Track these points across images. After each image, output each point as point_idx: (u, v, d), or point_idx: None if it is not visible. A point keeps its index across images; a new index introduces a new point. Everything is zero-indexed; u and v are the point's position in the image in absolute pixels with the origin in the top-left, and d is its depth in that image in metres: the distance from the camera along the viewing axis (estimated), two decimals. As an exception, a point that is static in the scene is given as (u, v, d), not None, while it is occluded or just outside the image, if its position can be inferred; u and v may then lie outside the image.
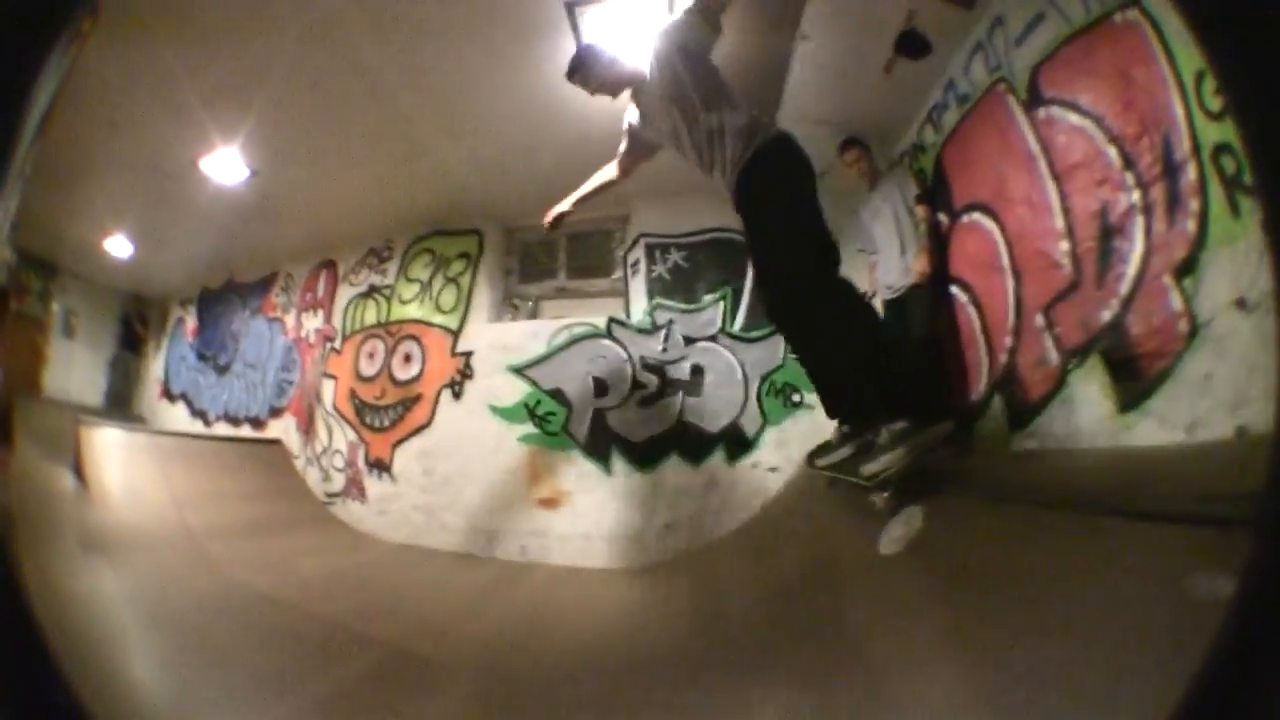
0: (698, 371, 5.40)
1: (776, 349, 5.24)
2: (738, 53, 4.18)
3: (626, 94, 4.17)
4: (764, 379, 5.28)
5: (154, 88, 5.68)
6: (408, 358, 6.76)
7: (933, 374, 4.36)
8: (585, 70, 4.11)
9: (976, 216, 4.09)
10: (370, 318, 7.41)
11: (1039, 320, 3.47)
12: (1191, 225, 2.43)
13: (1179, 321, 2.52)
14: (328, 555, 5.92)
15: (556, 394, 5.77)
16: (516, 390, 5.93)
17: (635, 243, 5.80)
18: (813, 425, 4.82)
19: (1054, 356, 3.36)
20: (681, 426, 5.34)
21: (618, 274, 5.95)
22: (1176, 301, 2.53)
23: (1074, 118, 3.14)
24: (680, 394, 5.39)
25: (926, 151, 4.65)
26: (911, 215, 4.58)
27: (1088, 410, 3.09)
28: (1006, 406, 3.82)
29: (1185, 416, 2.45)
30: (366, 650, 3.51)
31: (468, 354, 6.29)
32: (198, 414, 10.48)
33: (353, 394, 7.30)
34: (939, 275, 4.39)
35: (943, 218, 4.46)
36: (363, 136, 5.88)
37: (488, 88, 5.12)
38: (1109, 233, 2.93)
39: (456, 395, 6.23)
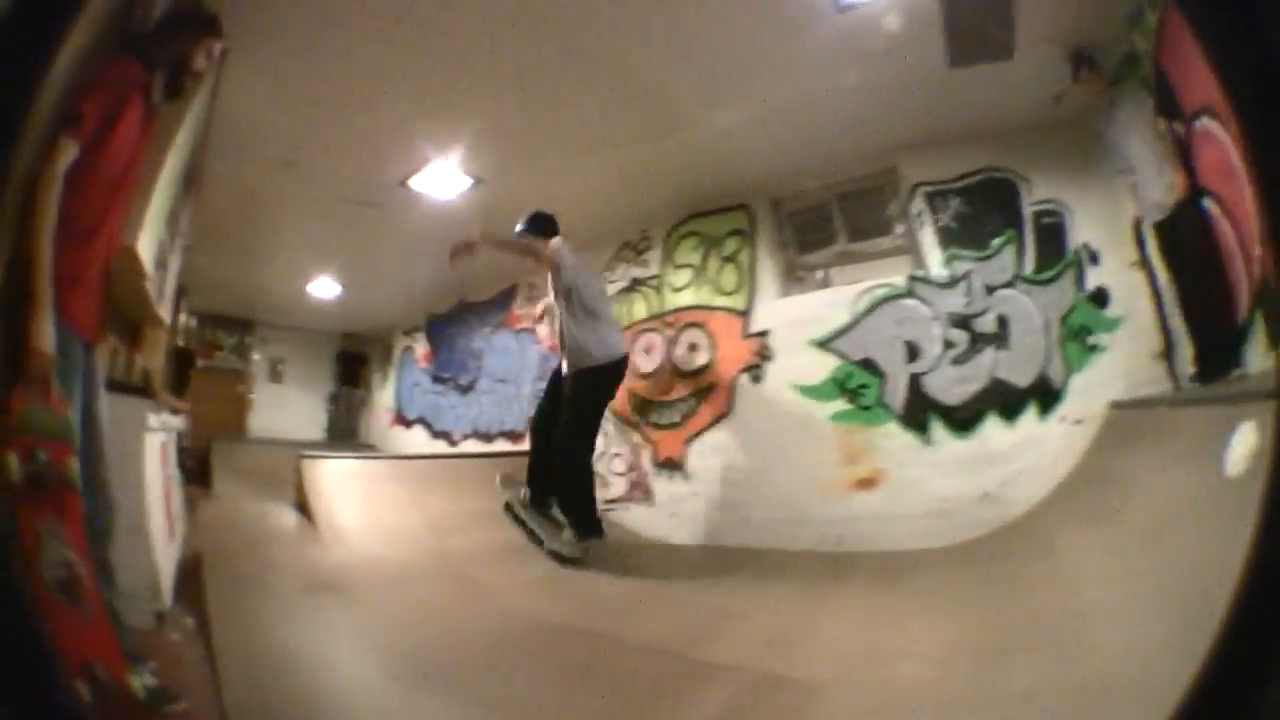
0: (1003, 322, 5.44)
1: (1067, 290, 5.30)
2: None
3: None
4: (1062, 322, 5.31)
5: (338, 114, 5.85)
6: (693, 347, 6.88)
7: (1196, 303, 4.47)
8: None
9: (1206, 122, 4.07)
10: (640, 311, 7.58)
11: None
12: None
13: None
14: (621, 569, 5.81)
15: (867, 364, 5.78)
16: (823, 366, 5.95)
17: (913, 193, 5.85)
18: (1111, 369, 5.01)
19: None
20: (995, 383, 5.37)
21: (899, 229, 6.00)
22: None
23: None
24: (990, 348, 5.41)
25: (1143, 59, 4.66)
26: (1155, 128, 4.63)
27: None
28: (1266, 321, 3.66)
29: None
30: (715, 680, 3.38)
31: (763, 334, 6.38)
32: (439, 435, 11.24)
33: (631, 394, 7.42)
34: (1193, 189, 4.40)
35: (1178, 127, 4.44)
36: (604, 118, 5.94)
37: (741, 44, 5.11)
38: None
39: (756, 379, 6.34)
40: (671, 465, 6.84)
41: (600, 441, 7.47)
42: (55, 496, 2.45)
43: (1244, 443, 3.06)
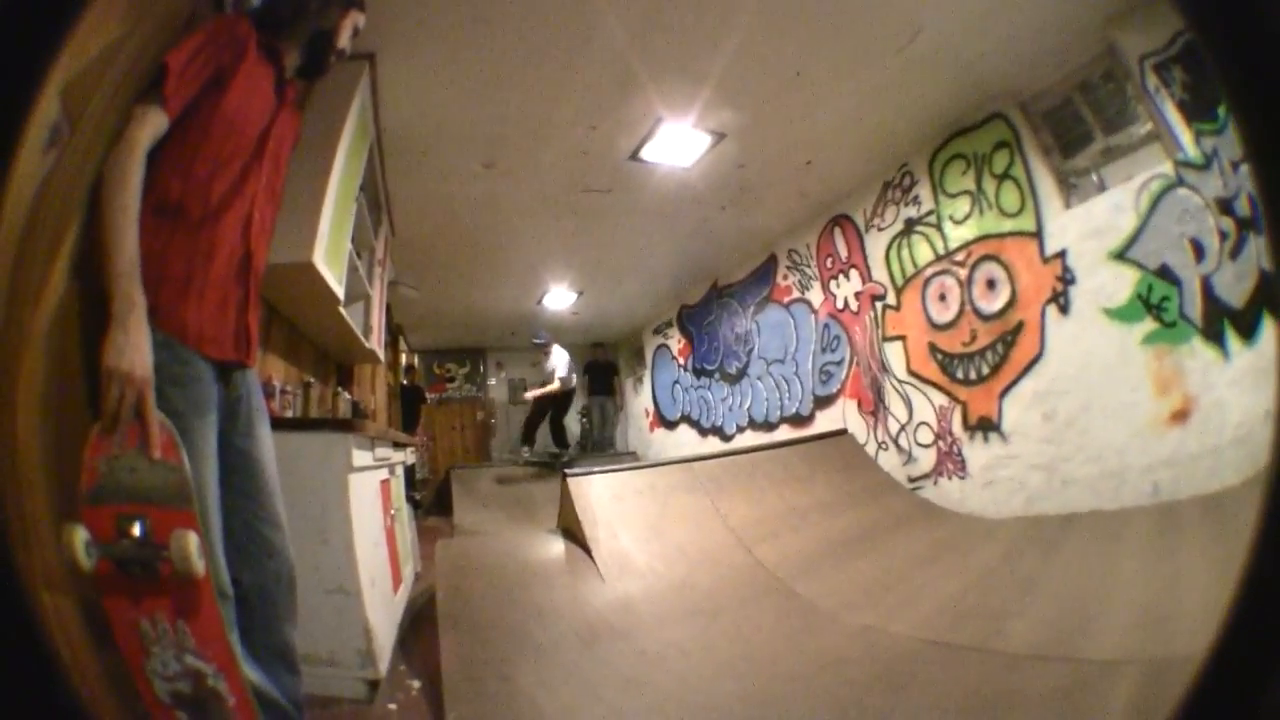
0: (1252, 202, 5.32)
1: None
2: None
3: None
4: None
5: (532, 97, 6.14)
6: (991, 284, 7.17)
7: None
8: None
9: None
10: (924, 255, 8.01)
11: None
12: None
13: None
14: (954, 560, 5.70)
15: (1163, 271, 6.04)
16: (1125, 281, 6.27)
17: (1142, 69, 5.89)
18: None
19: None
20: (1262, 276, 5.44)
21: (1144, 113, 6.11)
22: None
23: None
24: (1251, 234, 5.57)
25: None
26: None
27: None
28: None
29: None
30: (1116, 675, 3.09)
31: (1061, 254, 6.55)
32: (711, 431, 12.37)
33: (932, 348, 7.86)
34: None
35: None
36: (839, 41, 6.01)
37: None
38: None
39: (1063, 309, 6.51)
40: (986, 425, 7.16)
41: (901, 410, 8.23)
42: (167, 585, 2.01)
43: None
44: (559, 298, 12.71)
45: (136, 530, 1.97)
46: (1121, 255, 6.26)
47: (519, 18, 5.24)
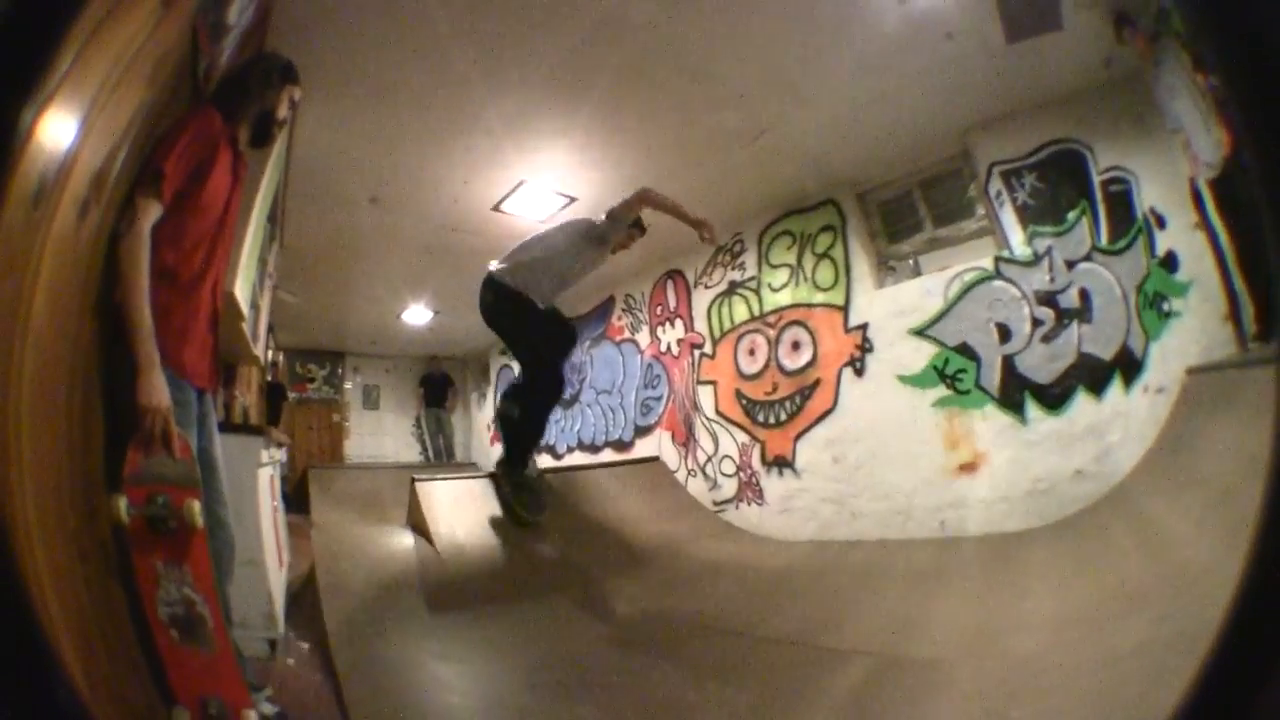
0: (1085, 295, 6.01)
1: (1139, 258, 5.80)
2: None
3: None
4: (1138, 290, 5.82)
5: (417, 149, 6.65)
6: (796, 345, 7.81)
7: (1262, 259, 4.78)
8: None
9: None
10: (741, 314, 8.58)
11: None
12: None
13: None
14: (737, 568, 6.61)
15: (963, 349, 6.72)
16: (922, 353, 6.95)
17: (989, 173, 6.51)
18: (1187, 335, 5.51)
19: None
20: (1082, 358, 6.10)
21: (980, 211, 6.73)
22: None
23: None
24: (1074, 323, 6.02)
25: (1171, 13, 5.09)
26: (1196, 84, 5.02)
27: None
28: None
29: None
30: (845, 662, 3.77)
31: (863, 326, 7.21)
32: (544, 450, 12.28)
33: (738, 394, 8.42)
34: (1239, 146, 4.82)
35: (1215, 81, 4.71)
36: (693, 130, 6.69)
37: (814, 45, 5.75)
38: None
39: (859, 372, 7.18)
40: (781, 462, 7.72)
41: (709, 444, 8.67)
42: (178, 537, 2.77)
43: None
44: (417, 314, 12.76)
45: (161, 500, 2.75)
46: (922, 332, 6.88)
47: (418, 93, 5.92)
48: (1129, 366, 5.86)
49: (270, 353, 13.88)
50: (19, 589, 1.62)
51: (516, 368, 12.90)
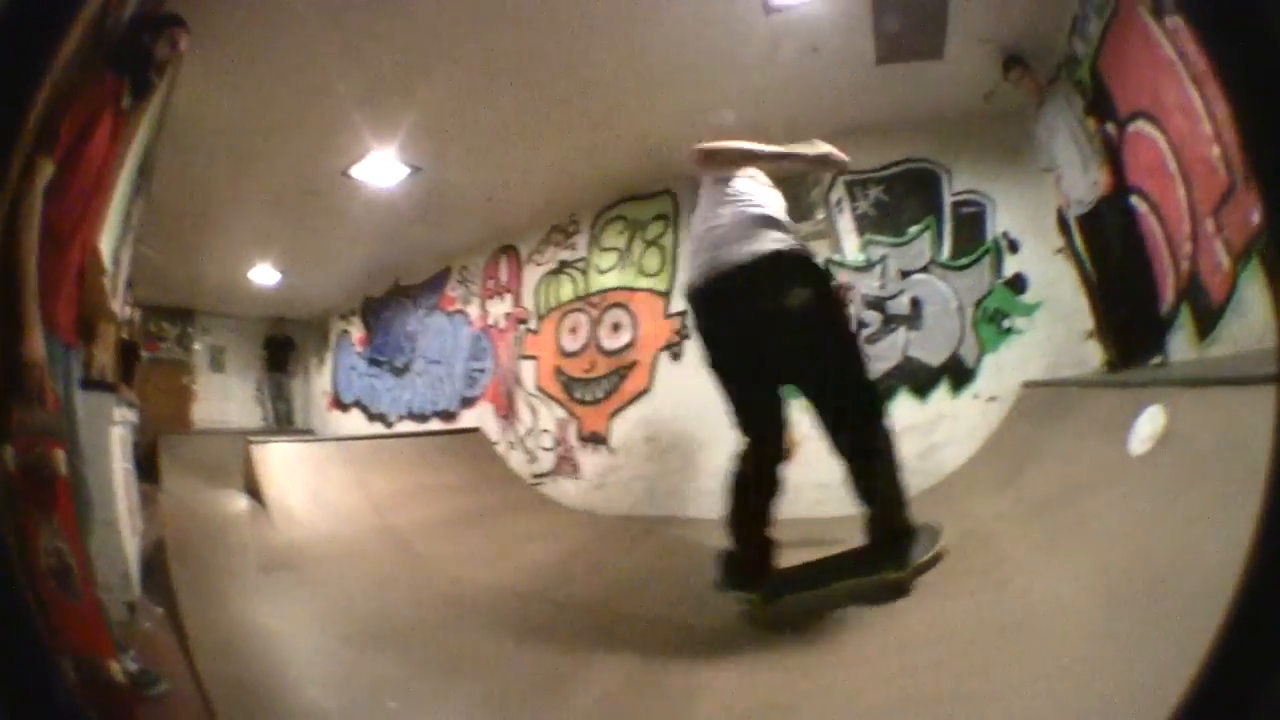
0: (916, 304, 6.11)
1: (984, 276, 5.92)
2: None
3: None
4: (976, 306, 5.97)
5: (283, 108, 6.51)
6: (616, 326, 7.75)
7: (1121, 293, 5.10)
8: None
9: (1141, 125, 4.67)
10: (567, 293, 8.49)
11: (1209, 225, 4.03)
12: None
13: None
14: (551, 537, 6.68)
15: None
16: None
17: (833, 182, 6.51)
18: (1027, 351, 5.66)
19: (1225, 261, 3.92)
20: (906, 361, 6.07)
21: (820, 215, 6.65)
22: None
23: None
24: (902, 329, 6.10)
25: (1081, 63, 5.25)
26: (1084, 129, 5.21)
27: (1254, 312, 3.58)
28: (1193, 314, 4.43)
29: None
30: (633, 630, 4.00)
31: (682, 314, 7.11)
32: (376, 418, 11.89)
33: (558, 370, 8.41)
34: (1120, 186, 4.99)
35: (1110, 128, 5.04)
36: (539, 110, 6.51)
37: (671, 40, 5.71)
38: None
39: (675, 357, 7.14)
40: (596, 439, 7.71)
41: (529, 418, 8.61)
42: (47, 487, 2.84)
43: (1149, 424, 3.65)
44: (264, 274, 11.71)
45: (38, 450, 2.84)
46: (741, 323, 6.50)
47: (288, 52, 5.72)
48: (959, 374, 5.99)
49: (129, 310, 13.27)
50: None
51: (357, 334, 12.91)
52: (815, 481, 5.90)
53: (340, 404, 13.31)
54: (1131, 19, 4.56)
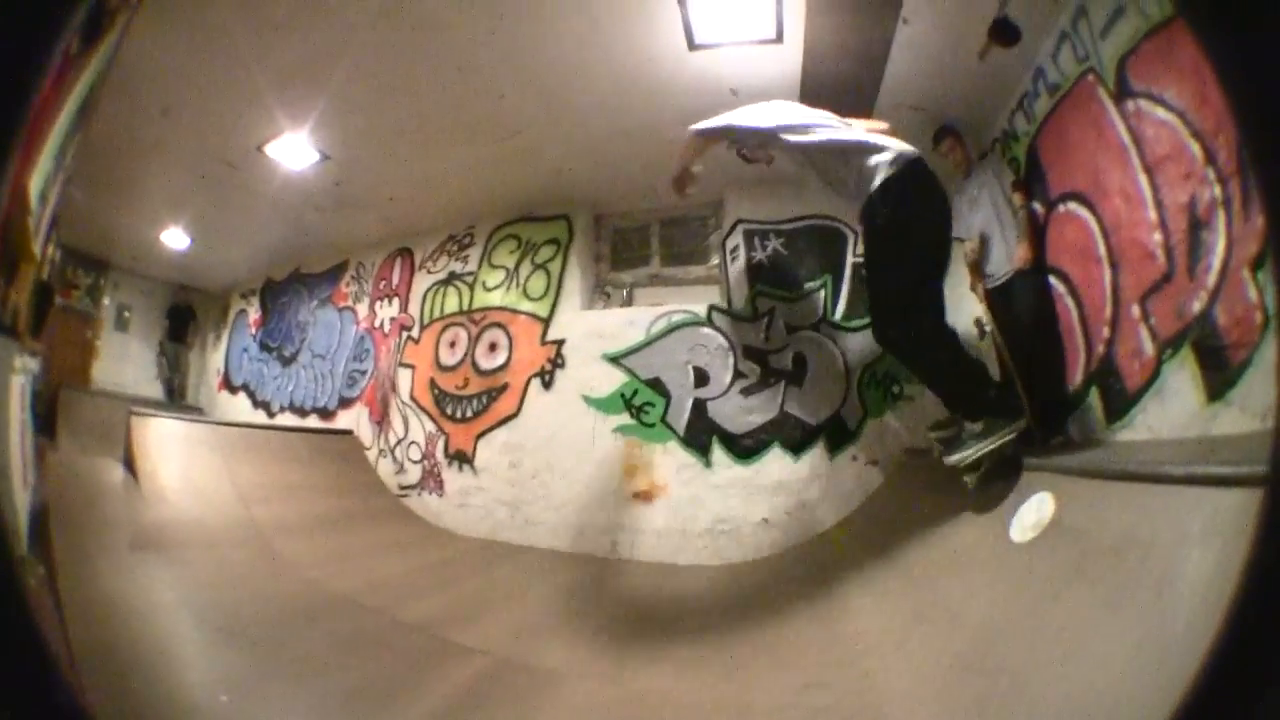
0: (800, 361, 6.02)
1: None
2: (839, 39, 4.98)
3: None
4: (865, 369, 5.88)
5: (213, 71, 6.35)
6: (493, 346, 7.56)
7: (1030, 367, 4.88)
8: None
9: (1073, 206, 4.59)
10: (451, 305, 8.27)
11: (1135, 310, 3.95)
12: (1260, 220, 2.80)
13: (1255, 313, 2.99)
14: (407, 552, 6.58)
15: (655, 383, 6.65)
16: (612, 380, 6.83)
17: (733, 229, 6.46)
18: (913, 417, 5.52)
19: (1149, 347, 3.84)
20: (784, 417, 5.99)
21: (714, 260, 6.61)
22: (1253, 293, 2.98)
23: (1160, 111, 3.63)
24: (782, 383, 6.03)
25: (1019, 140, 5.21)
26: (1009, 203, 5.20)
27: (1179, 401, 3.59)
28: (1103, 397, 4.32)
29: (1261, 404, 2.89)
30: (465, 658, 3.93)
31: (559, 342, 6.96)
32: (260, 405, 11.54)
33: (432, 383, 8.16)
34: (1039, 263, 4.92)
35: (1038, 206, 4.99)
36: (449, 117, 6.50)
37: (589, 65, 5.70)
38: (1197, 225, 3.39)
39: (547, 385, 6.95)
40: (462, 458, 7.50)
41: (400, 427, 8.35)
42: None
43: (1035, 513, 3.50)
44: (175, 237, 11.92)
45: None
46: (616, 360, 6.84)
47: (226, 18, 5.77)
48: (837, 434, 5.93)
49: (53, 250, 13.04)
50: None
51: (253, 315, 12.78)
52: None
53: (230, 385, 12.98)
54: (1087, 101, 4.43)
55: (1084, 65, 4.33)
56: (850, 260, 6.17)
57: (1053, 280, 4.85)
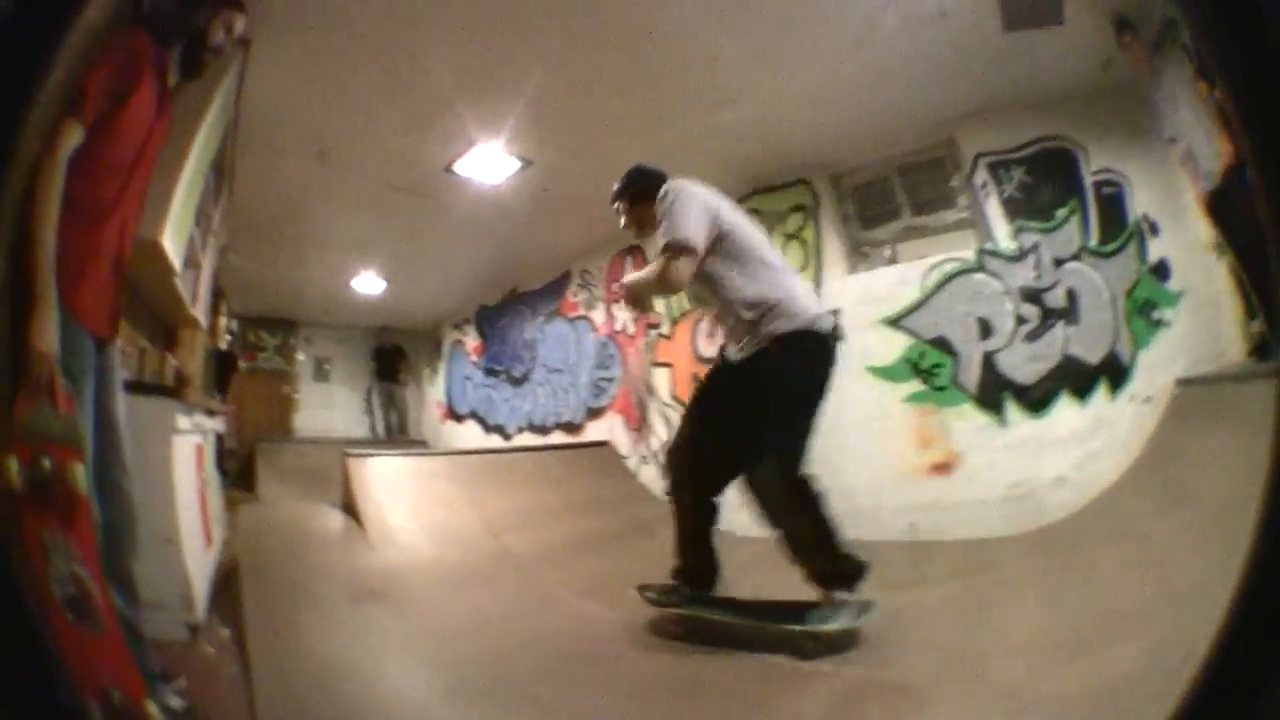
0: (1073, 296, 5.71)
1: (1130, 263, 5.53)
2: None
3: None
4: (1127, 296, 5.55)
5: (366, 100, 6.19)
6: None
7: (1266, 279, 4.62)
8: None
9: None
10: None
11: None
12: None
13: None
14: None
15: (939, 342, 6.32)
16: (895, 345, 6.49)
17: (975, 165, 6.16)
18: (1176, 345, 5.24)
19: None
20: (1067, 360, 5.67)
21: (963, 202, 6.33)
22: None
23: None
24: (1060, 323, 5.71)
25: (1180, 25, 4.54)
26: (1198, 94, 4.69)
27: None
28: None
29: None
30: (809, 686, 3.43)
31: (834, 312, 6.06)
32: (493, 430, 11.97)
33: (695, 378, 7.74)
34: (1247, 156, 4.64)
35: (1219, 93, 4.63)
36: (658, 90, 6.18)
37: (805, 12, 5.38)
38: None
39: None
40: None
41: (663, 430, 8.12)
42: (61, 505, 2.40)
43: None
44: (368, 282, 12.29)
45: (46, 463, 2.33)
46: (895, 322, 6.44)
47: (370, 40, 5.44)
48: (1116, 373, 5.54)
49: (225, 320, 13.36)
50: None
51: (471, 343, 13.09)
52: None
53: (455, 415, 13.30)
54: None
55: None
56: (1088, 179, 5.83)
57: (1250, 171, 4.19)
